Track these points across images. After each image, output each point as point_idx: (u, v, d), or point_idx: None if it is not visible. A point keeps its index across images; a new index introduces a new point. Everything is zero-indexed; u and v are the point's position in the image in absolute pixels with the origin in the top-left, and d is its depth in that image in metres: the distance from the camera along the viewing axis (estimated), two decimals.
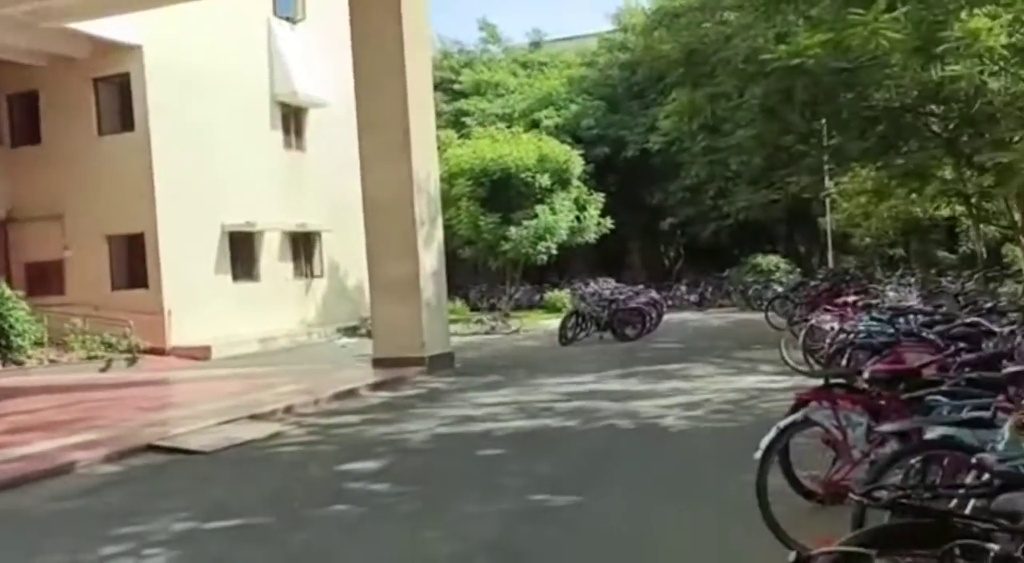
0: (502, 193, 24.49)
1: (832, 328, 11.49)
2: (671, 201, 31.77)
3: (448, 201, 25.04)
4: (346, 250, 25.66)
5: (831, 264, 25.90)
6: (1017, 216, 19.81)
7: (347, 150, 23.32)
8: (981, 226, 22.76)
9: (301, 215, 24.01)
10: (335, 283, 25.68)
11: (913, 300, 12.13)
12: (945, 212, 25.82)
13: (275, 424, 10.68)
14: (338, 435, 10.09)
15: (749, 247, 31.89)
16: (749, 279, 27.47)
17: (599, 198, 25.79)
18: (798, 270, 28.25)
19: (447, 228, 25.68)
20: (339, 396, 12.67)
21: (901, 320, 9.61)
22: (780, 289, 24.33)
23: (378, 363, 15.00)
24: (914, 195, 23.58)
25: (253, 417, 10.93)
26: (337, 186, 24.87)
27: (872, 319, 9.45)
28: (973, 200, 19.18)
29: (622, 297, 20.03)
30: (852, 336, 9.33)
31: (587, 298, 19.58)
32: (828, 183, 25.15)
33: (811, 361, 11.87)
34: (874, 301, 11.61)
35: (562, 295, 26.08)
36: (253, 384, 14.20)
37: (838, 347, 9.18)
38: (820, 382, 6.20)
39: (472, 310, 28.91)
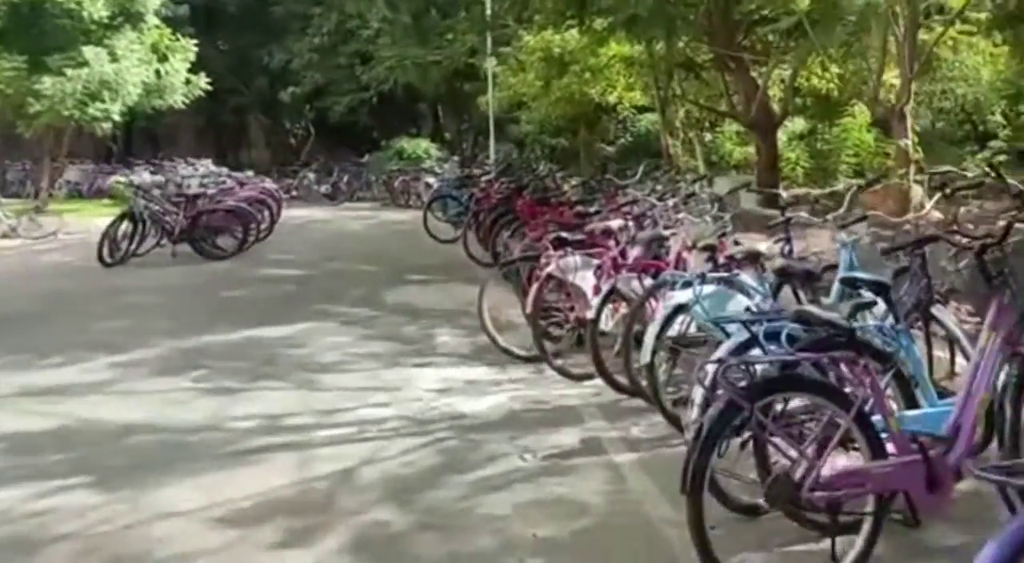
0: (28, 26, 15.35)
1: (597, 287, 5.52)
2: (297, 65, 24.22)
3: None
4: None
5: (493, 154, 20.38)
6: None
7: None
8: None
9: None
10: None
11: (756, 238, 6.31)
12: (613, 97, 21.30)
13: None
14: None
15: (391, 129, 25.53)
16: (394, 168, 21.11)
17: (189, 46, 17.52)
18: (455, 159, 22.43)
19: None
20: None
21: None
22: (434, 181, 18.33)
23: None
24: (590, 74, 18.79)
25: None
26: None
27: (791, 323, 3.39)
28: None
29: (211, 192, 12.67)
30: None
31: (149, 193, 11.93)
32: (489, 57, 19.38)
33: (546, 346, 5.86)
34: (668, 234, 5.83)
35: (155, 178, 17.75)
36: None
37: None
38: None
39: (12, 198, 19.61)
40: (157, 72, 16.91)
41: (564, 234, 6.39)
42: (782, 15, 9.66)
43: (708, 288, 4.50)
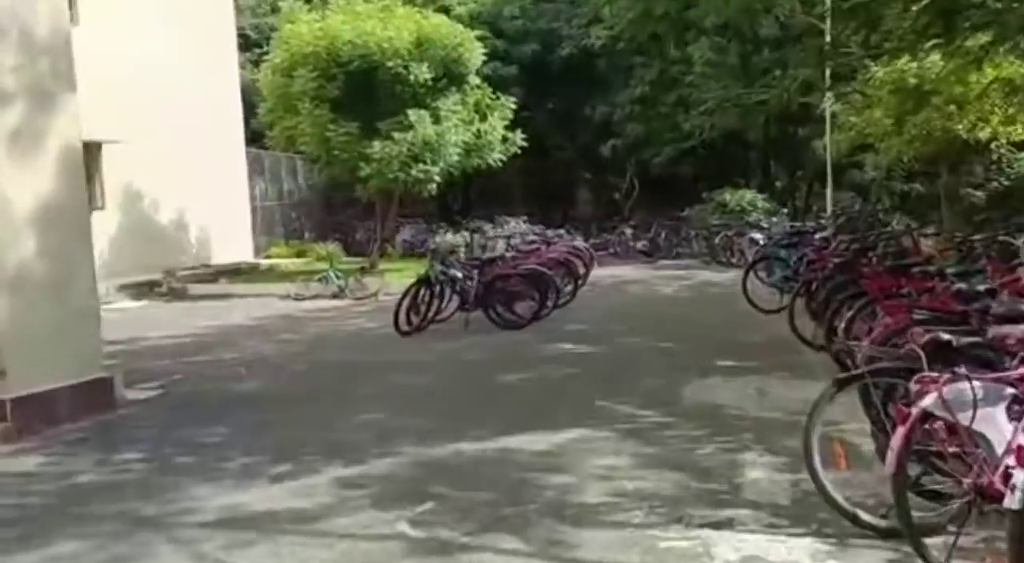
0: (364, 92, 15.69)
1: (1018, 446, 3.17)
2: (618, 116, 23.13)
3: (287, 102, 16.30)
4: (149, 170, 16.96)
5: (830, 205, 17.48)
6: None
7: (149, 23, 14.98)
8: None
9: None
10: (131, 218, 16.99)
11: None
12: (984, 133, 17.29)
13: None
14: None
15: (716, 180, 23.38)
16: (716, 222, 18.99)
17: (508, 104, 17.00)
18: (784, 211, 19.74)
19: (289, 140, 17.01)
20: None
21: None
22: (760, 237, 15.99)
23: None
24: (955, 106, 15.35)
25: None
26: (130, 75, 16.17)
27: None
28: None
29: (509, 254, 11.61)
30: None
31: (447, 259, 11.08)
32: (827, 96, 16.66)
33: (919, 511, 3.60)
34: None
35: (456, 239, 17.55)
36: None
37: None
38: None
39: (359, 256, 20.47)
40: (477, 132, 16.53)
41: (945, 335, 4.07)
42: None
43: None
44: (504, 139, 16.85)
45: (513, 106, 17.10)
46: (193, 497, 4.86)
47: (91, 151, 16.17)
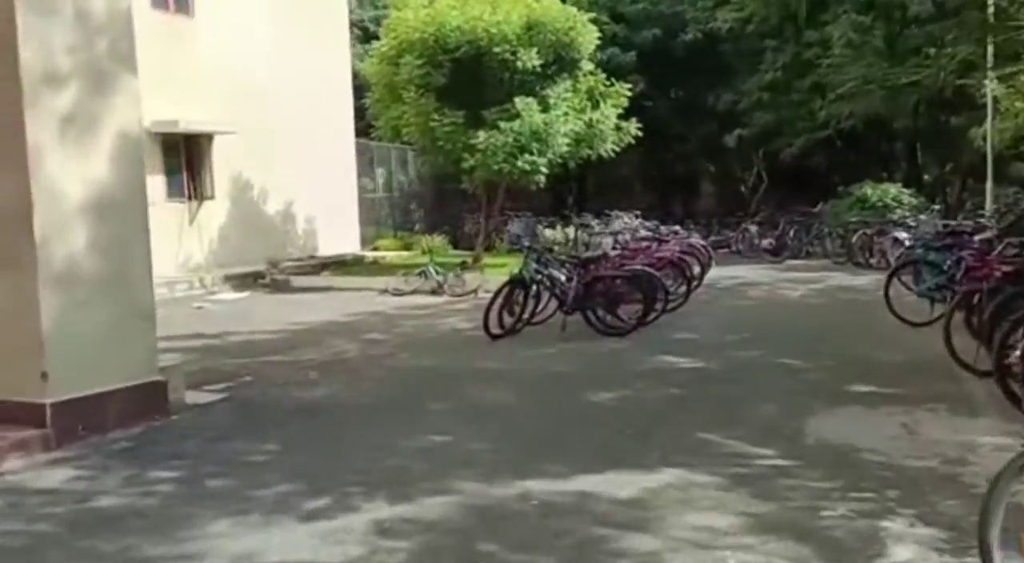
0: (470, 80, 14.90)
1: None
2: (745, 105, 21.54)
3: (393, 91, 15.72)
4: (258, 161, 16.86)
5: (990, 201, 15.44)
6: None
7: (262, 15, 14.99)
8: None
9: (182, 109, 15.05)
10: (240, 209, 16.89)
11: None
12: None
13: None
14: None
15: (854, 173, 21.39)
16: (853, 218, 17.20)
17: (622, 91, 15.79)
18: (935, 207, 17.63)
19: (395, 130, 16.43)
20: None
21: None
22: (905, 237, 14.26)
23: None
24: None
25: None
26: (242, 66, 16.13)
27: None
28: None
29: (615, 253, 10.56)
30: None
31: (543, 257, 10.15)
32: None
33: None
34: None
35: (557, 235, 16.50)
36: None
37: None
38: None
39: (467, 249, 19.82)
40: (589, 121, 15.45)
41: None
42: None
43: None
44: (617, 128, 15.69)
45: (628, 93, 15.89)
46: (208, 535, 4.13)
47: (202, 142, 16.25)
